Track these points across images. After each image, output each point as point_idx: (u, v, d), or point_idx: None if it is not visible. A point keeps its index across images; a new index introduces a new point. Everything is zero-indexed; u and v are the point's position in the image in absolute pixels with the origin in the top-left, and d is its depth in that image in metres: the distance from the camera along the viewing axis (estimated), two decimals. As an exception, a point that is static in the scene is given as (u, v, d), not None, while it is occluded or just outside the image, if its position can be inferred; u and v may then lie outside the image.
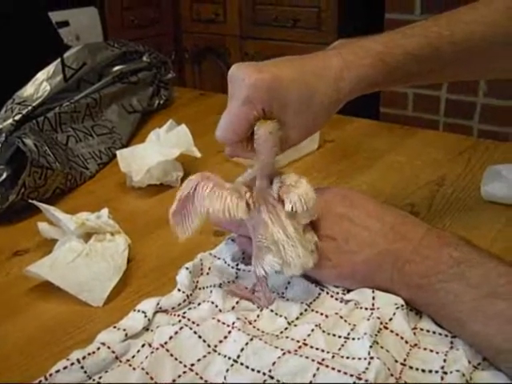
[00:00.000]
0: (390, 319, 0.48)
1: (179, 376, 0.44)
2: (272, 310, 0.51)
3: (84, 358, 0.44)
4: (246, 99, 0.50)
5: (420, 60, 0.56)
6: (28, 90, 0.87)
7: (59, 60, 0.92)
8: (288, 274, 0.50)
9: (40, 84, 0.89)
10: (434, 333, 0.47)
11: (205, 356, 0.45)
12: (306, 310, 0.51)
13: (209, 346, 0.46)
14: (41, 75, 0.90)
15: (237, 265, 0.57)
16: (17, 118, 0.81)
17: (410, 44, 0.56)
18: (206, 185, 0.51)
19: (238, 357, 0.44)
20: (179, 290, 0.53)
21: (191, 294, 0.53)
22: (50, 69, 0.91)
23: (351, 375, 0.41)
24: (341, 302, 0.52)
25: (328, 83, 0.53)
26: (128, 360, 0.45)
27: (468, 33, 0.57)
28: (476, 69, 0.63)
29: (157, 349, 0.45)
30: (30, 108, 0.84)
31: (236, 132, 0.51)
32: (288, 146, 0.54)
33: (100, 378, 0.44)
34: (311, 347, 0.46)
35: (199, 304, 0.52)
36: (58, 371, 0.43)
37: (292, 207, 0.49)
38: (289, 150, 0.55)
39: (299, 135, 0.54)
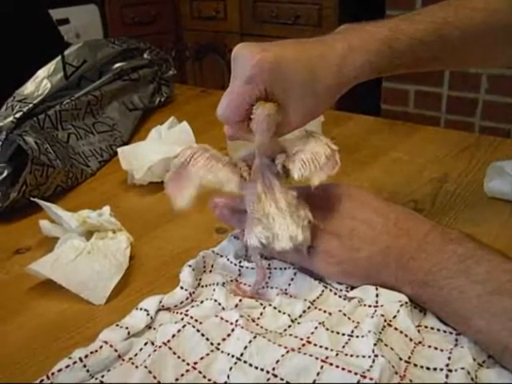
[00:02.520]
0: (394, 317, 0.48)
1: (182, 374, 0.43)
2: (275, 308, 0.50)
3: (86, 356, 0.44)
4: (248, 78, 0.49)
5: (426, 46, 0.56)
6: (29, 87, 0.87)
7: (60, 57, 0.92)
8: (277, 248, 0.50)
9: (41, 81, 0.88)
10: (438, 330, 0.47)
11: (208, 354, 0.45)
12: (309, 308, 0.50)
13: (212, 344, 0.46)
14: (41, 73, 0.89)
15: (240, 262, 0.57)
16: (17, 115, 0.81)
17: (417, 30, 0.55)
18: (202, 155, 0.52)
19: (242, 355, 0.44)
20: (182, 287, 0.53)
21: (194, 292, 0.53)
22: (50, 66, 0.90)
23: (355, 373, 0.41)
24: (344, 299, 0.52)
25: (332, 68, 0.52)
26: (130, 358, 0.45)
27: (472, 19, 0.57)
28: (480, 55, 0.63)
29: (159, 347, 0.45)
30: (30, 105, 0.83)
31: (237, 111, 0.50)
32: (289, 129, 0.53)
33: (102, 376, 0.43)
34: (315, 345, 0.45)
35: (202, 302, 0.52)
36: (60, 370, 0.43)
37: (299, 176, 0.50)
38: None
39: (301, 119, 0.53)
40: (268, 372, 0.42)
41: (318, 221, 0.52)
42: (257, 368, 0.43)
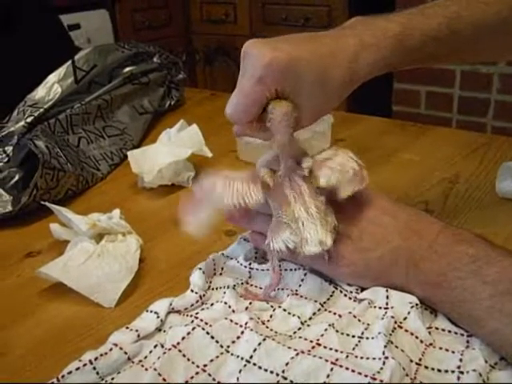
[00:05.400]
0: (405, 318, 0.47)
1: (192, 377, 0.43)
2: (285, 310, 0.50)
3: (96, 358, 0.44)
4: (259, 79, 0.48)
5: (438, 41, 0.55)
6: (39, 92, 0.88)
7: (70, 62, 0.92)
8: (306, 253, 0.49)
9: (51, 86, 0.89)
10: (449, 332, 0.47)
11: (217, 356, 0.45)
12: (319, 310, 0.50)
13: (221, 346, 0.46)
14: (52, 77, 0.90)
15: (250, 264, 0.57)
16: (28, 120, 0.81)
17: (429, 25, 0.54)
18: (217, 180, 0.51)
19: (251, 357, 0.44)
20: (192, 290, 0.53)
21: (204, 295, 0.53)
22: (61, 71, 0.91)
23: (366, 375, 0.40)
24: (354, 301, 0.51)
25: (343, 66, 0.51)
26: (140, 361, 0.45)
27: (485, 12, 0.56)
28: (494, 48, 0.62)
29: (169, 349, 0.45)
30: (41, 110, 0.84)
31: (247, 112, 0.50)
32: (299, 127, 0.52)
33: (112, 378, 0.44)
34: (325, 347, 0.45)
35: (212, 304, 0.52)
36: (70, 372, 0.43)
37: (326, 181, 0.50)
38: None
39: (311, 116, 0.53)
40: (277, 374, 0.42)
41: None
42: (266, 370, 0.43)
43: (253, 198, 0.50)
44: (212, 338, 0.46)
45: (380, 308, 0.49)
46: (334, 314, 0.50)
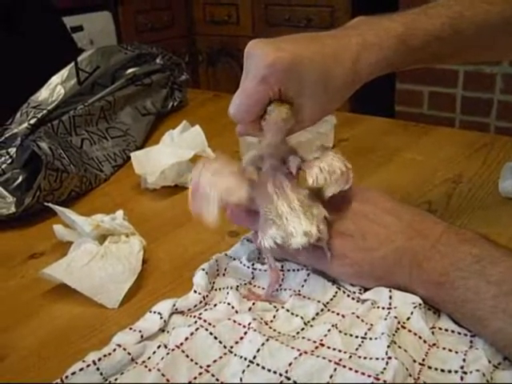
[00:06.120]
0: (408, 318, 0.47)
1: (195, 377, 0.43)
2: (288, 310, 0.50)
3: (100, 359, 0.44)
4: (262, 78, 0.48)
5: (441, 41, 0.55)
6: (43, 93, 0.88)
7: (73, 64, 0.92)
8: (294, 245, 0.49)
9: (54, 88, 0.89)
10: (452, 332, 0.47)
11: (221, 357, 0.45)
12: (322, 310, 0.50)
13: (225, 346, 0.46)
14: (55, 79, 0.90)
15: (253, 265, 0.57)
16: (32, 121, 0.82)
17: (432, 25, 0.54)
18: (208, 170, 0.52)
19: (254, 357, 0.44)
20: (195, 291, 0.53)
21: (207, 296, 0.53)
22: (64, 72, 0.91)
23: (369, 376, 0.40)
24: (357, 301, 0.51)
25: (346, 65, 0.51)
26: (144, 361, 0.45)
27: (488, 12, 0.56)
28: (497, 48, 0.62)
29: (172, 350, 0.45)
30: (44, 112, 0.84)
31: (250, 112, 0.50)
32: (301, 127, 0.53)
33: (116, 379, 0.44)
34: (328, 347, 0.45)
35: (215, 305, 0.52)
36: (73, 373, 0.43)
37: (313, 181, 0.50)
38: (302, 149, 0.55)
39: (313, 116, 0.53)
40: (281, 375, 0.42)
41: (330, 221, 0.51)
42: (269, 371, 0.43)
43: (234, 195, 0.51)
44: (215, 338, 0.46)
45: (383, 308, 0.49)
46: (337, 314, 0.50)
